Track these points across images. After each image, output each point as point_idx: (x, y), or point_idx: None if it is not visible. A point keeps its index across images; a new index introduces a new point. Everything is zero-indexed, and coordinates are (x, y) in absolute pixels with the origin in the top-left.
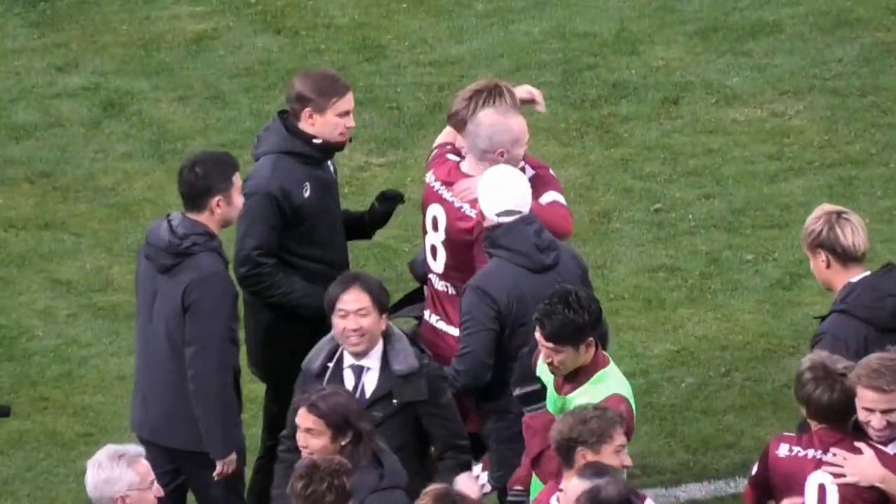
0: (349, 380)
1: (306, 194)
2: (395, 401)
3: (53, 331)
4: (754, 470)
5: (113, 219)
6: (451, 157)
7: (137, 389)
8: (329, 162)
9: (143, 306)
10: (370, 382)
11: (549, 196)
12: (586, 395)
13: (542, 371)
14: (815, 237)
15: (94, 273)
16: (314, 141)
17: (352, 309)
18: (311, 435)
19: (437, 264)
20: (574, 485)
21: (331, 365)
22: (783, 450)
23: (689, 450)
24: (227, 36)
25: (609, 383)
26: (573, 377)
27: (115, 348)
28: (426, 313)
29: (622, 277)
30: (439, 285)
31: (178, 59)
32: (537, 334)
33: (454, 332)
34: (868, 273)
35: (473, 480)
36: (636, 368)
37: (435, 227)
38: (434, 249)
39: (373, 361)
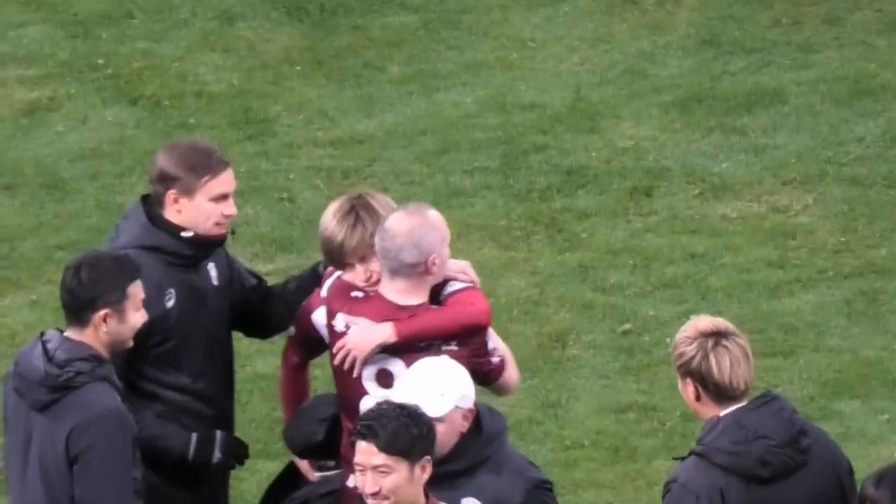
0: None
1: (169, 304)
2: None
3: None
4: None
5: None
6: (356, 294)
7: None
8: (212, 264)
9: (15, 452)
10: None
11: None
12: None
13: None
14: (685, 363)
15: None
16: (183, 234)
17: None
18: None
19: None
20: None
21: None
22: None
23: None
24: (67, 107)
25: None
26: None
27: None
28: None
29: (581, 419)
30: None
31: (4, 136)
32: (361, 451)
33: None
34: (741, 405)
35: None
36: None
37: (385, 385)
38: None
39: None
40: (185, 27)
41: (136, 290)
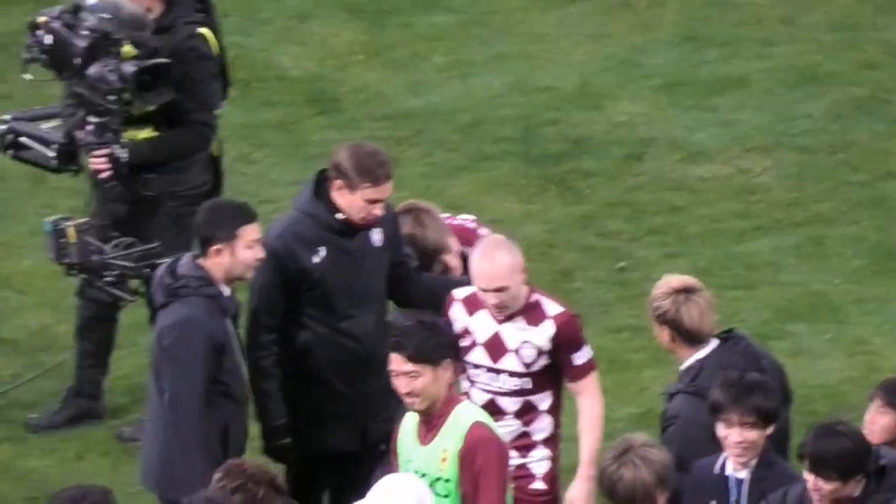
0: None
1: (315, 260)
2: None
3: None
4: None
5: (59, 275)
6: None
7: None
8: (378, 229)
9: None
10: None
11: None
12: (448, 435)
13: (404, 442)
14: (661, 314)
15: (39, 332)
16: (337, 216)
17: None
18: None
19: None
20: None
21: None
22: None
23: None
24: None
25: (466, 415)
26: (430, 421)
27: None
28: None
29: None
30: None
31: None
32: (394, 360)
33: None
34: (713, 347)
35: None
36: None
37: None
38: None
39: None
40: None
41: (246, 231)
